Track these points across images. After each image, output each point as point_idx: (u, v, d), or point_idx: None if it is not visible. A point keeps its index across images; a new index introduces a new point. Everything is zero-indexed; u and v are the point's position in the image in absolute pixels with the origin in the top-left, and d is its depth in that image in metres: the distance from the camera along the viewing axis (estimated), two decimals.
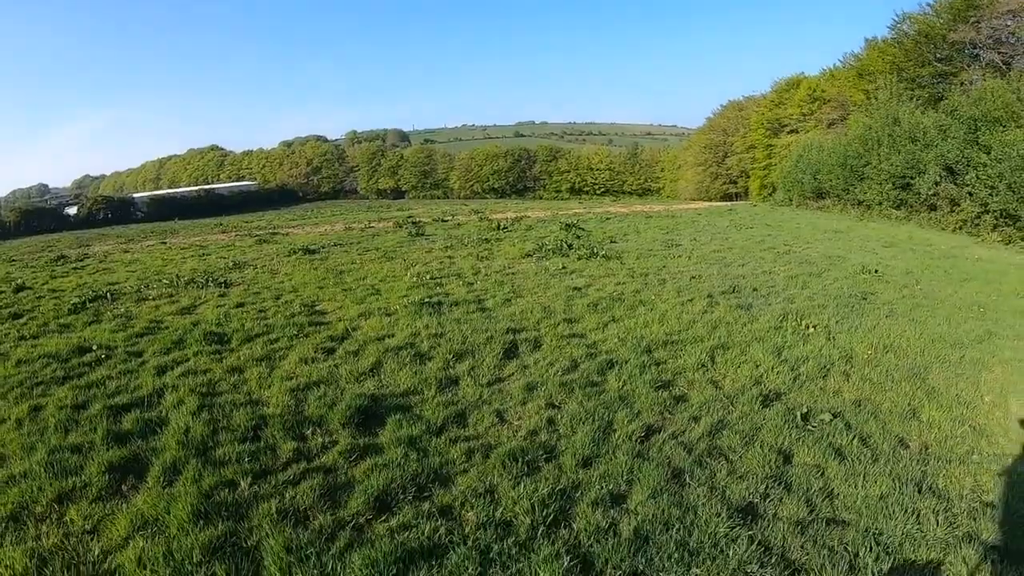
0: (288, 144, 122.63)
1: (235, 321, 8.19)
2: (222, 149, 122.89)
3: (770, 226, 23.14)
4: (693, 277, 11.28)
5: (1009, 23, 35.16)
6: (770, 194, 50.34)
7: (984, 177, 23.41)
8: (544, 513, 3.67)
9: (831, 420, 5.06)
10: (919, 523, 3.73)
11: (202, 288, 10.76)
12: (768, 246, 16.42)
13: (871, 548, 3.46)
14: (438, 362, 6.37)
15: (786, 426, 4.93)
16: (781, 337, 7.37)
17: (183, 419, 4.93)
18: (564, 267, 12.19)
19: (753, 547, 3.44)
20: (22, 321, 9.01)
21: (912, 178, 28.41)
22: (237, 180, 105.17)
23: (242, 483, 3.97)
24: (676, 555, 3.31)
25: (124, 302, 9.85)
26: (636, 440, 4.68)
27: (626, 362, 6.38)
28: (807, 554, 3.43)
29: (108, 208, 65.63)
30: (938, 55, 39.18)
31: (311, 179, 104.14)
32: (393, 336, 7.30)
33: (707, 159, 69.29)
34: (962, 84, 33.34)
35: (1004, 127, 24.20)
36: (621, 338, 7.27)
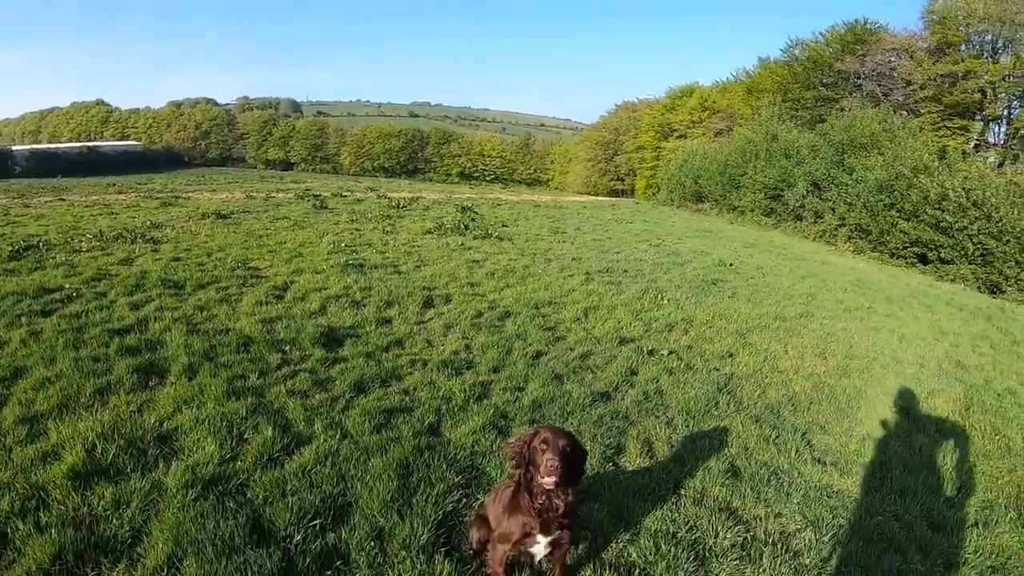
0: (177, 105, 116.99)
1: (181, 271, 9.13)
2: (108, 105, 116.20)
3: (648, 222, 25.36)
4: (574, 259, 13.10)
5: (892, 59, 38.70)
6: (654, 194, 52.78)
7: (844, 195, 26.68)
8: (472, 393, 5.39)
9: (668, 354, 7.07)
10: (716, 406, 5.74)
11: (132, 244, 11.39)
12: (644, 239, 18.54)
13: (683, 416, 5.41)
14: (372, 308, 7.84)
15: (636, 356, 6.86)
16: (641, 304, 9.32)
17: (179, 339, 6.13)
18: (462, 244, 13.78)
19: (607, 410, 5.36)
20: None
21: (782, 190, 31.57)
22: (122, 139, 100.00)
23: (251, 377, 5.37)
24: (559, 412, 5.14)
25: (58, 252, 10.31)
26: (529, 358, 6.47)
27: (519, 314, 8.15)
28: (640, 416, 5.35)
29: None
30: (823, 80, 42.70)
31: (199, 143, 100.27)
32: (328, 289, 8.65)
33: (597, 155, 71.66)
34: (842, 110, 36.27)
35: (867, 153, 27.54)
36: (515, 298, 8.99)
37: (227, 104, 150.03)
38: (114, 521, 3.35)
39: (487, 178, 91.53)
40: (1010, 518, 4.36)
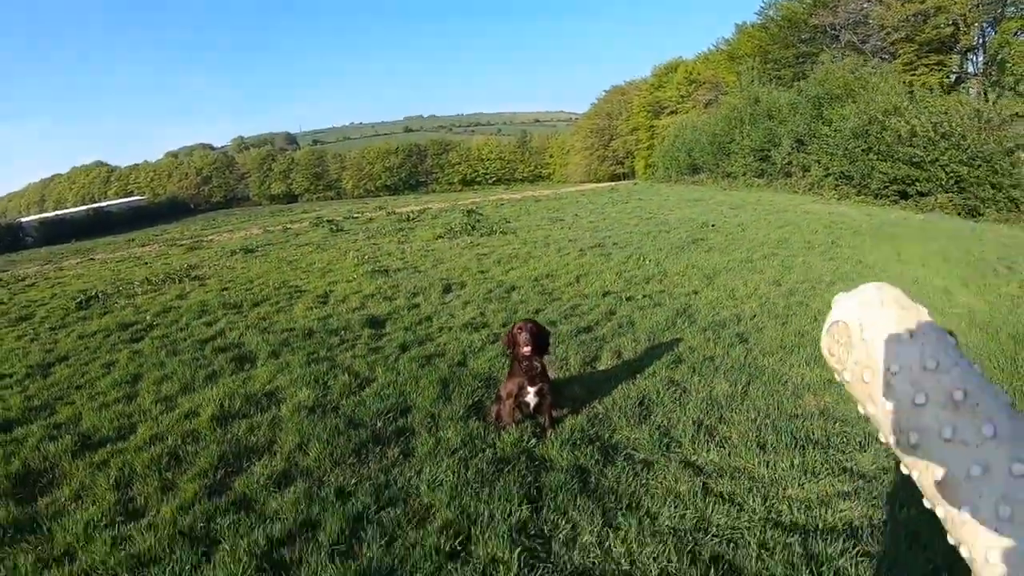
0: (175, 155, 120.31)
1: (234, 296, 10.66)
2: (107, 165, 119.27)
3: (643, 200, 26.81)
4: (571, 240, 14.71)
5: (865, 5, 39.82)
6: (653, 173, 53.95)
7: (825, 146, 28.02)
8: (487, 340, 7.06)
9: (642, 298, 8.71)
10: (674, 326, 7.37)
11: (179, 283, 12.71)
12: (636, 215, 20.08)
13: (646, 335, 7.03)
14: (402, 299, 9.50)
15: (615, 302, 8.53)
16: (625, 266, 10.98)
17: (256, 338, 7.76)
18: (471, 242, 15.42)
19: (588, 337, 7.01)
20: (36, 320, 10.51)
21: (769, 150, 32.88)
22: (126, 196, 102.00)
23: (321, 351, 7.05)
24: (552, 343, 6.60)
25: (118, 299, 11.56)
26: (531, 314, 8.07)
27: (522, 287, 9.82)
28: (614, 337, 6.99)
29: None
30: (801, 37, 43.60)
31: (202, 189, 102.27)
32: (362, 291, 10.28)
33: (594, 143, 72.84)
34: (823, 64, 37.01)
35: (842, 103, 28.93)
36: (519, 276, 10.62)
37: (224, 147, 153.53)
38: (251, 438, 4.97)
39: (489, 181, 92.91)
40: None
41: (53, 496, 4.33)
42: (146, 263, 17.96)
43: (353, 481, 4.20)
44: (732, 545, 3.42)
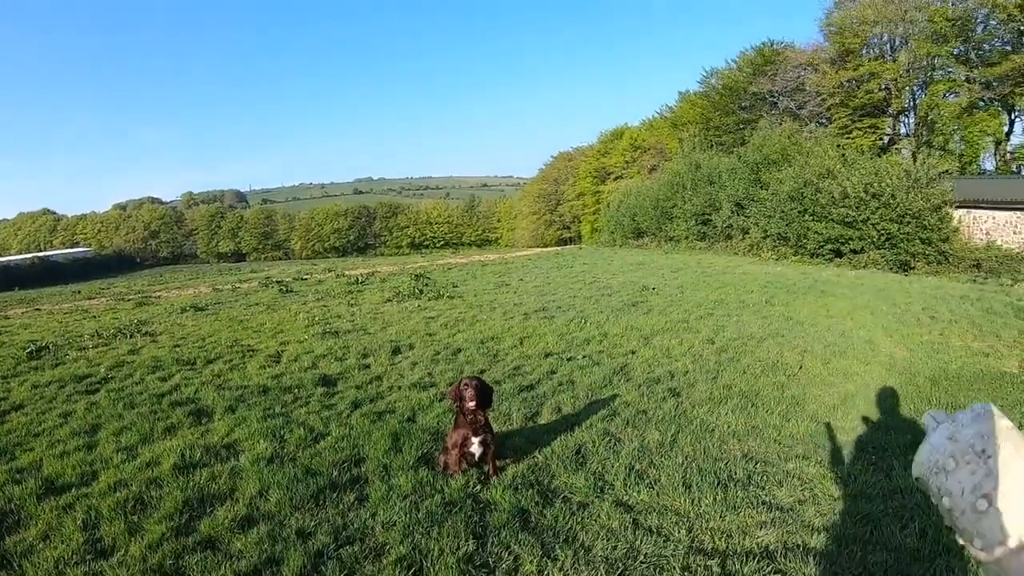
0: (122, 207, 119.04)
1: (187, 353, 10.80)
2: (54, 213, 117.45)
3: (587, 264, 27.56)
4: (516, 304, 15.22)
5: (801, 74, 42.03)
6: (600, 237, 54.97)
7: (763, 209, 29.29)
8: (435, 398, 7.50)
9: (583, 358, 9.25)
10: (611, 383, 7.95)
11: (131, 338, 12.75)
12: (580, 279, 20.73)
13: (585, 391, 7.59)
14: (352, 359, 9.84)
15: (557, 362, 9.08)
16: (567, 329, 11.54)
17: (212, 393, 8.02)
18: (419, 306, 15.79)
19: (530, 394, 7.51)
20: None
21: (710, 214, 34.10)
22: (72, 246, 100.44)
23: (277, 407, 7.38)
24: (496, 401, 7.10)
25: (69, 351, 11.53)
26: (476, 374, 8.45)
27: (468, 349, 10.27)
28: (554, 394, 7.52)
29: None
30: (741, 104, 45.76)
31: (149, 243, 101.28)
32: (313, 351, 10.56)
33: (541, 208, 74.29)
34: (760, 130, 38.42)
35: (779, 167, 30.41)
36: (465, 339, 11.06)
37: (172, 201, 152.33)
38: (213, 485, 5.28)
39: (437, 245, 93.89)
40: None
41: (21, 536, 4.59)
42: (95, 317, 17.73)
43: (313, 523, 4.58)
44: (658, 569, 3.94)
